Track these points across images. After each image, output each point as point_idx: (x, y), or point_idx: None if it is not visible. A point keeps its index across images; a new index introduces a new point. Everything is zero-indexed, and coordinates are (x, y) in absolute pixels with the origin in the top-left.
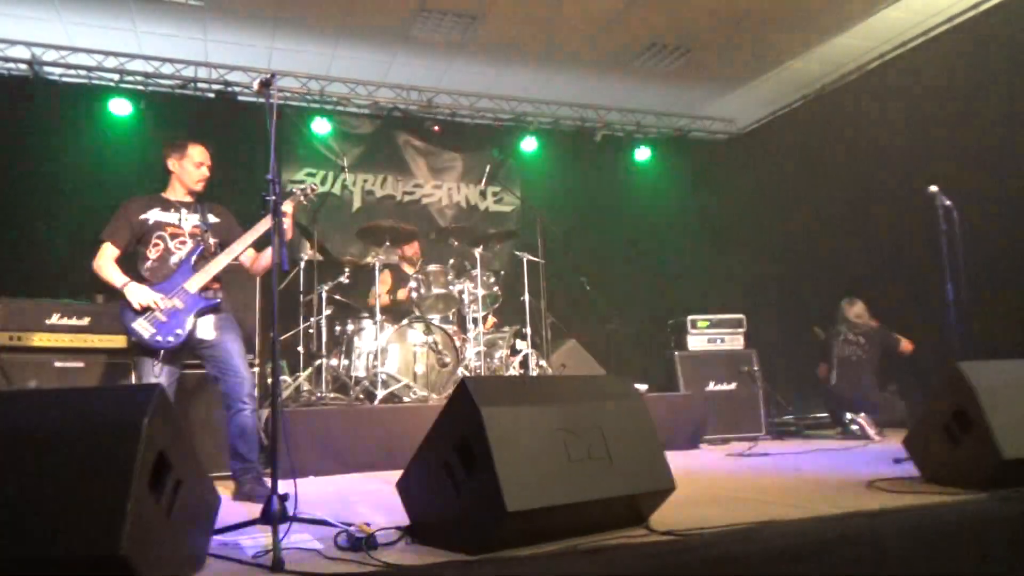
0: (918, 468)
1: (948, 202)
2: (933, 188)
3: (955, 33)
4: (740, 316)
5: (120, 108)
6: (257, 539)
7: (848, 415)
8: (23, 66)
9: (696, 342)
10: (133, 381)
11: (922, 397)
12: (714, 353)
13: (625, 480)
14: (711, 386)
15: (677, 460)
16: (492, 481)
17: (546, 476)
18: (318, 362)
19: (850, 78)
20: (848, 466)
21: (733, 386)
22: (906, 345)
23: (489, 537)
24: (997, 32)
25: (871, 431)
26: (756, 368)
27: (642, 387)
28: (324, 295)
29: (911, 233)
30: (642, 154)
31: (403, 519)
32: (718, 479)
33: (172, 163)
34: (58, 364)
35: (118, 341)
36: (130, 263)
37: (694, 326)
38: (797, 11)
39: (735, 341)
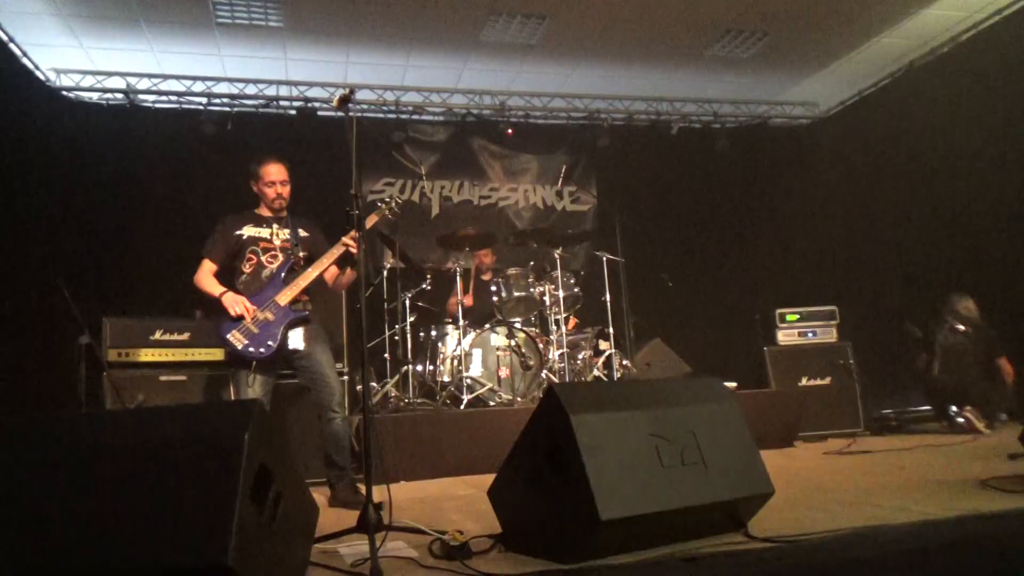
0: None
1: None
2: None
3: None
4: (832, 308)
5: (209, 130)
6: (354, 547)
7: (953, 407)
8: (119, 96)
9: (786, 336)
10: (231, 392)
11: None
12: (806, 347)
13: (721, 485)
14: (804, 381)
15: (772, 459)
16: (584, 489)
17: (639, 483)
18: (404, 368)
19: (941, 51)
20: (957, 463)
21: (828, 380)
22: (1007, 369)
23: (583, 546)
24: None
25: (979, 424)
26: (852, 361)
27: (731, 384)
28: (407, 302)
29: (1015, 216)
30: (721, 144)
31: (495, 526)
32: (817, 479)
33: (253, 185)
34: (163, 378)
35: (216, 354)
36: (228, 279)
37: (783, 320)
38: None
39: (828, 334)
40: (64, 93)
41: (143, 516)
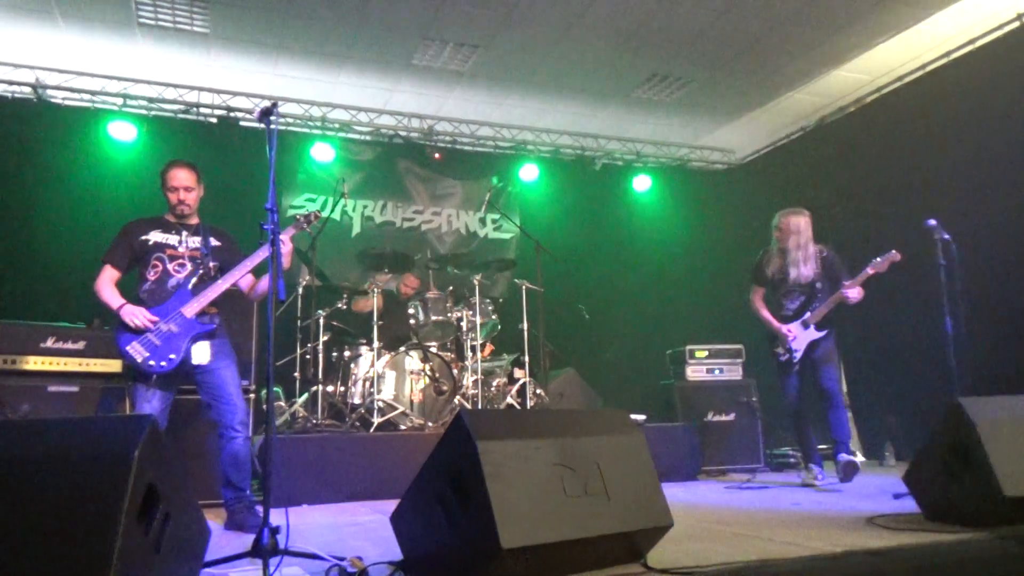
0: (919, 505)
1: (947, 236)
2: (932, 222)
3: (952, 67)
4: (739, 346)
5: (122, 132)
6: (247, 572)
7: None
8: (27, 89)
9: (695, 372)
10: (127, 407)
11: (923, 431)
12: (712, 383)
13: (622, 516)
14: (710, 416)
15: (675, 492)
16: (487, 517)
17: (542, 512)
18: (314, 388)
19: (848, 110)
20: (847, 501)
21: (731, 417)
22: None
23: (483, 574)
24: (993, 66)
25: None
26: (755, 399)
27: (640, 417)
28: (321, 321)
29: (911, 266)
30: (642, 183)
31: (396, 553)
32: (716, 513)
33: (162, 190)
34: (52, 388)
35: (113, 366)
36: (131, 286)
37: (692, 356)
38: (796, 43)
39: (734, 371)
40: None
41: (17, 537)
